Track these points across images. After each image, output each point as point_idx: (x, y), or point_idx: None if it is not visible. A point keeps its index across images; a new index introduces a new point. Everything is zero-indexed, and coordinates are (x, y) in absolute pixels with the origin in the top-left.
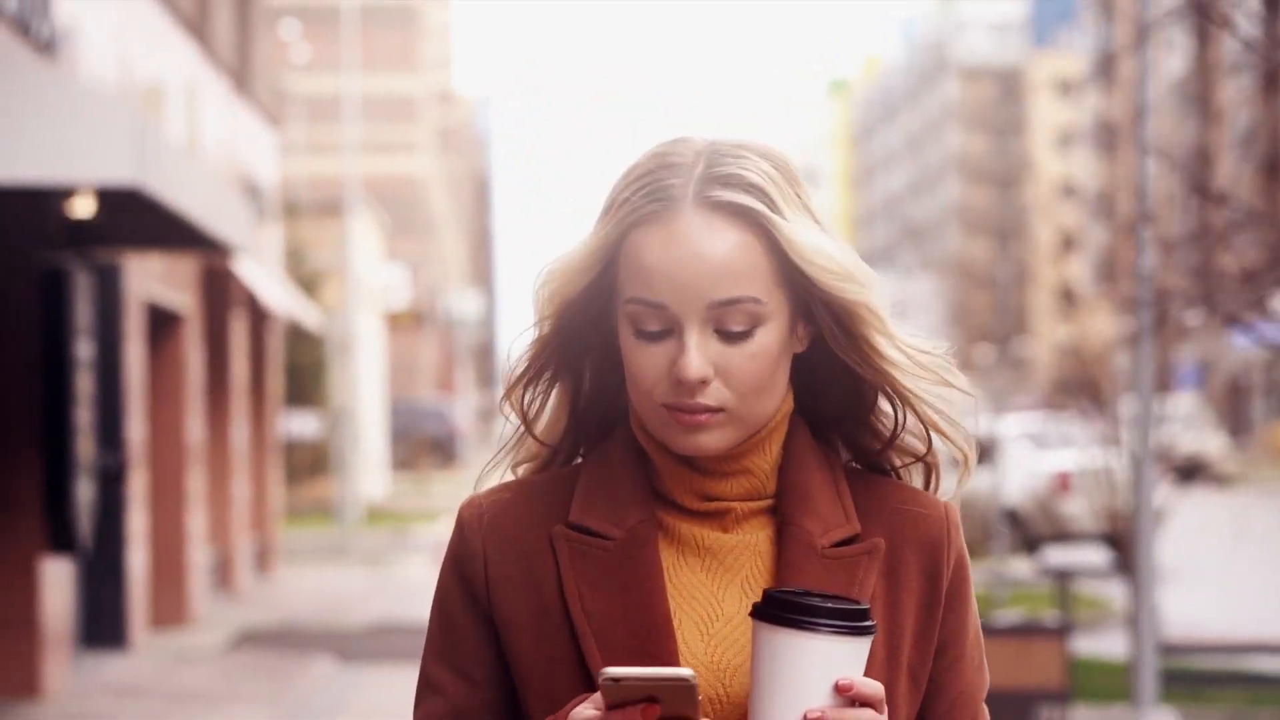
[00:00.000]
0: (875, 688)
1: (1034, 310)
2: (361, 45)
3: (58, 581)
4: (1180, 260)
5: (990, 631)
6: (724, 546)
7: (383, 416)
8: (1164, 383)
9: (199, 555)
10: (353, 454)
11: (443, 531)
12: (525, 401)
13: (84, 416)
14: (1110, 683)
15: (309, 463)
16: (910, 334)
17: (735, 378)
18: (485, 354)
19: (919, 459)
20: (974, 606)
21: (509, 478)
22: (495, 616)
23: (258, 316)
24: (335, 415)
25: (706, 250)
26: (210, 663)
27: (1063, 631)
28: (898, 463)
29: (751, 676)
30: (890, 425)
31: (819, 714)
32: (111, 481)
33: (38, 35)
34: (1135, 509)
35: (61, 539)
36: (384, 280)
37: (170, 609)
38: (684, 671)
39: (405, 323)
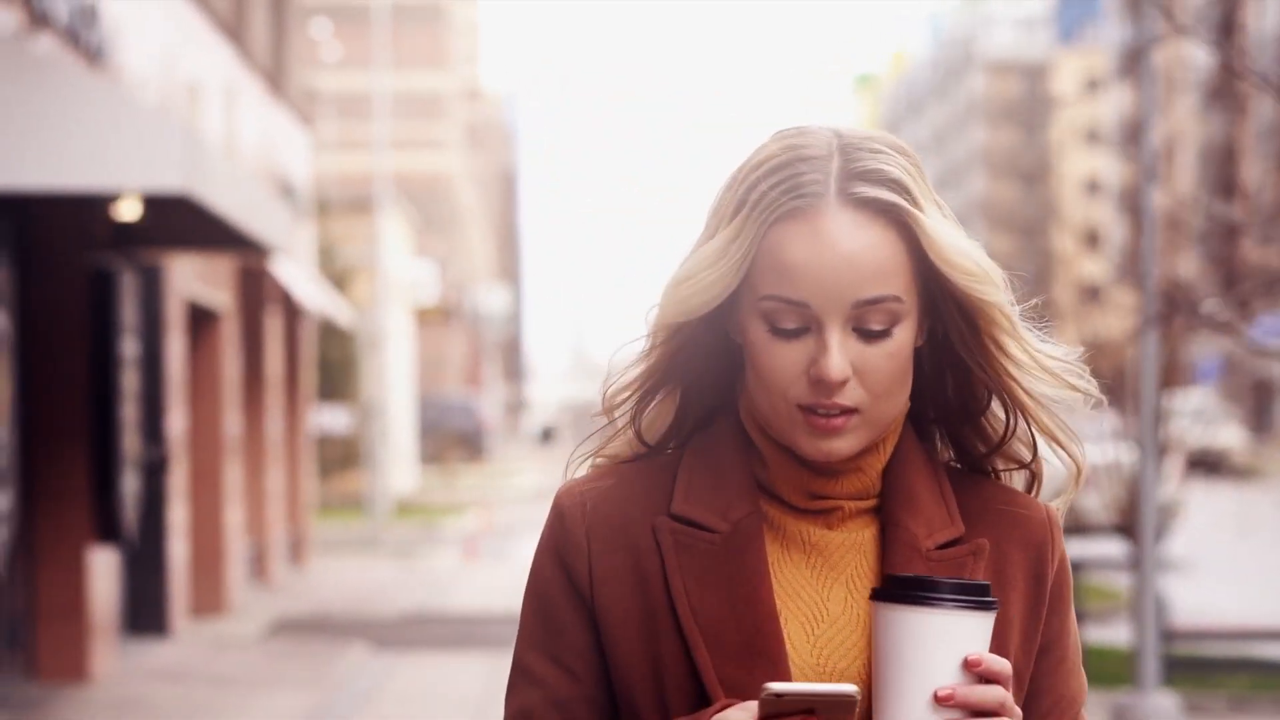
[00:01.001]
0: (1004, 664)
1: (1058, 305)
2: (391, 43)
3: (104, 571)
4: (1202, 254)
5: None
6: (829, 544)
7: (412, 411)
8: (1183, 377)
9: (236, 546)
10: (382, 448)
11: (470, 525)
12: (634, 413)
13: (129, 412)
14: (1119, 669)
15: (340, 457)
16: (1040, 339)
17: (872, 377)
18: (512, 349)
19: (1023, 466)
20: (1073, 611)
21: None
22: (597, 610)
23: (292, 313)
24: (365, 410)
25: (854, 249)
26: (248, 649)
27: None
28: (1001, 466)
29: (874, 662)
30: (1000, 429)
31: (950, 691)
32: (154, 474)
33: (87, 45)
34: (1139, 502)
35: (108, 530)
36: (413, 276)
37: (209, 598)
38: (848, 688)
39: (433, 318)
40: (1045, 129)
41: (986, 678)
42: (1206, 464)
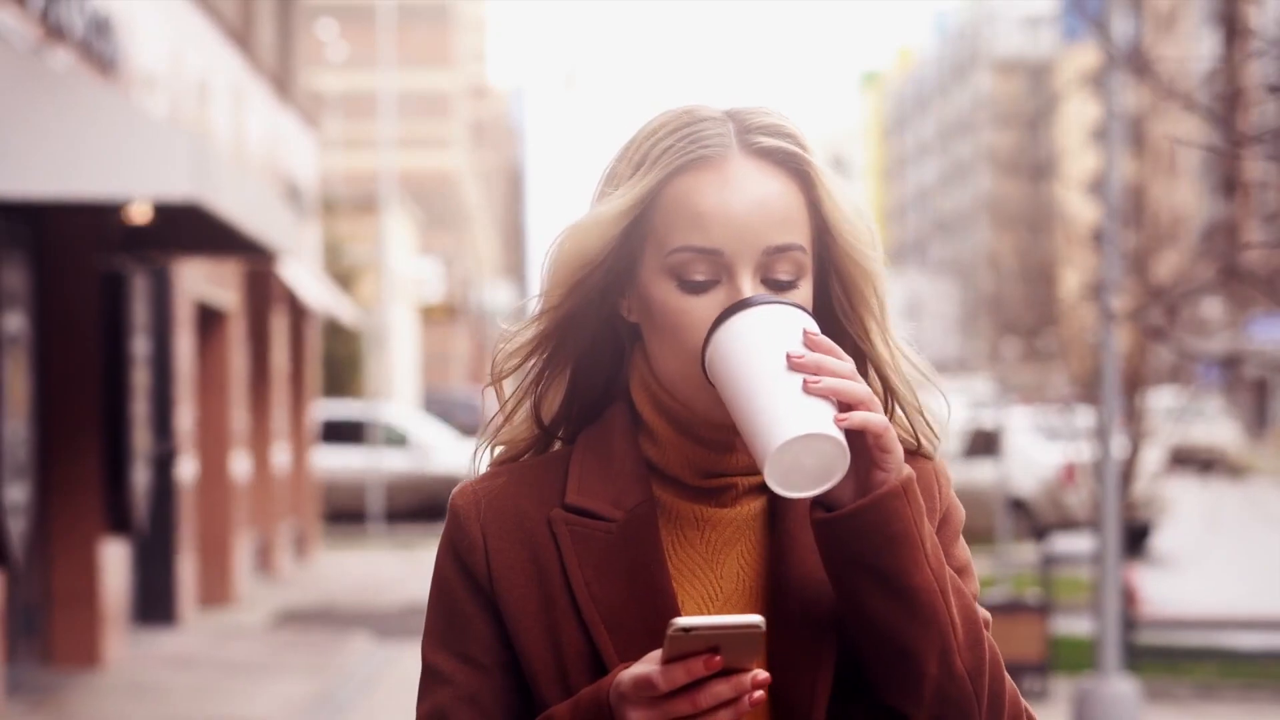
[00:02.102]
0: (838, 350)
1: (1062, 304)
2: (397, 42)
3: (115, 561)
4: (1204, 252)
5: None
6: (722, 521)
7: (416, 406)
8: (1184, 376)
9: (242, 540)
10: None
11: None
12: (528, 387)
13: (140, 408)
14: (1087, 656)
15: None
16: (903, 337)
17: None
18: None
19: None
20: (963, 545)
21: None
22: (500, 605)
23: (297, 312)
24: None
25: (762, 194)
26: (255, 638)
27: (1043, 609)
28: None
29: (725, 381)
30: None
31: (800, 351)
32: (163, 468)
33: (100, 55)
34: (1100, 499)
35: (120, 521)
36: (418, 274)
37: (216, 589)
38: (754, 618)
39: (438, 315)
40: (1050, 127)
41: (831, 352)
42: (1200, 461)
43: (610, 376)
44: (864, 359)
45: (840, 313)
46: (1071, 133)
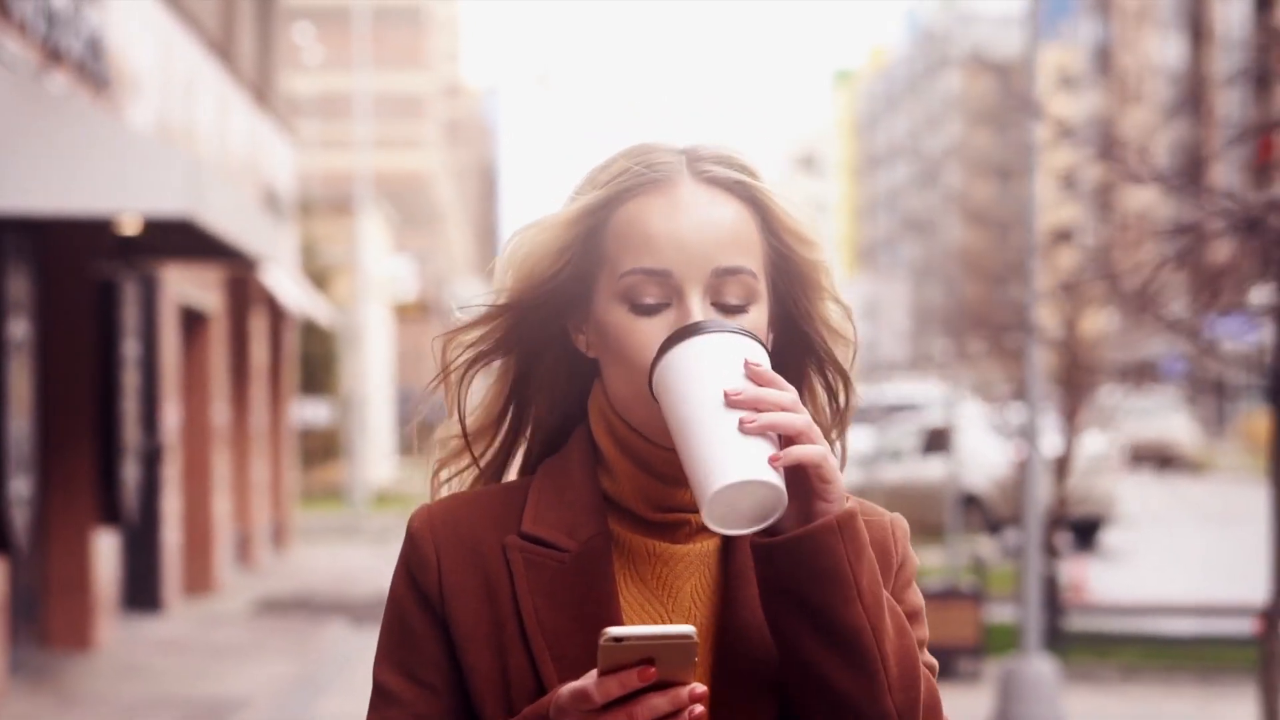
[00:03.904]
0: (783, 382)
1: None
2: (372, 44)
3: (107, 551)
4: (1168, 253)
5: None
6: (674, 558)
7: (390, 404)
8: (1146, 374)
9: (224, 532)
10: (361, 440)
11: None
12: (455, 360)
13: (131, 407)
14: (1014, 641)
15: (321, 448)
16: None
17: None
18: None
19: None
20: (916, 593)
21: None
22: (450, 625)
23: (276, 314)
24: (345, 403)
25: (711, 216)
26: (237, 625)
27: (976, 597)
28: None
29: (669, 411)
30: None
31: (738, 387)
32: (150, 464)
33: (94, 75)
34: (1023, 495)
35: (111, 513)
36: (392, 273)
37: (199, 579)
38: (686, 629)
39: (412, 314)
40: (1021, 126)
41: (771, 383)
42: (1158, 458)
43: (573, 410)
44: (812, 358)
45: (803, 316)
46: (1042, 130)
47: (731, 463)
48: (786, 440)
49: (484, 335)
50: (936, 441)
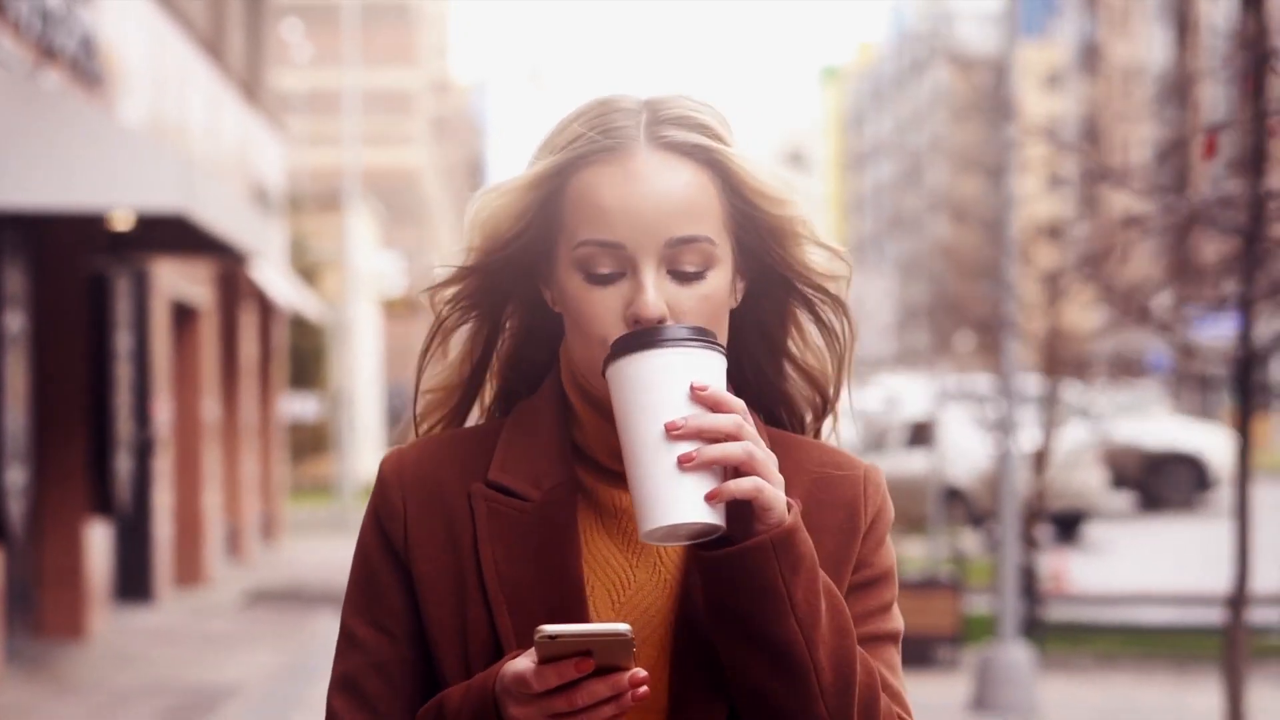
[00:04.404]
0: (736, 400)
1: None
2: (361, 41)
3: (99, 542)
4: (1157, 249)
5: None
6: None
7: (379, 399)
8: (1131, 368)
9: (214, 524)
10: (350, 434)
11: None
12: (442, 313)
13: (123, 400)
14: (996, 630)
15: (310, 442)
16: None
17: (687, 319)
18: None
19: (825, 404)
20: (888, 548)
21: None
22: (413, 574)
23: (265, 308)
24: (334, 398)
25: (664, 187)
26: (227, 615)
27: (955, 587)
28: (808, 414)
29: (616, 422)
30: (810, 366)
31: (679, 420)
32: (142, 456)
33: (87, 73)
34: (1000, 486)
35: (104, 504)
36: (380, 268)
37: (189, 570)
38: (621, 627)
39: (400, 309)
40: (1008, 123)
41: (717, 407)
42: None
43: (544, 357)
44: (799, 293)
45: (786, 268)
46: (1031, 125)
47: (670, 502)
48: (729, 470)
49: (458, 292)
50: (920, 435)
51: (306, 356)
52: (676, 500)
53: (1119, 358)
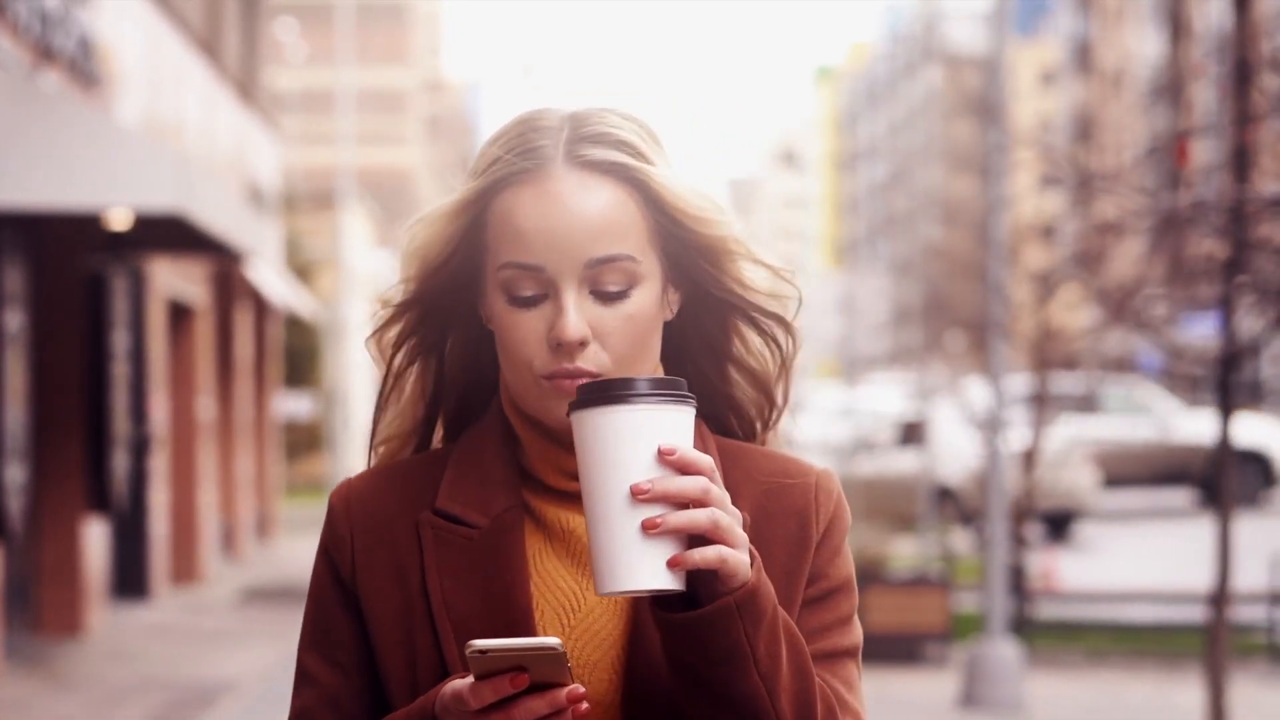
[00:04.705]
0: (705, 458)
1: (1008, 298)
2: (355, 40)
3: (96, 540)
4: (1146, 249)
5: (885, 581)
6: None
7: (372, 398)
8: (1123, 368)
9: (209, 523)
10: (344, 433)
11: None
12: (390, 357)
13: (120, 398)
14: (985, 627)
15: (304, 441)
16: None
17: (611, 339)
18: None
19: (772, 411)
20: (845, 557)
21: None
22: (362, 605)
23: (260, 308)
24: (328, 397)
25: (582, 208)
26: (223, 612)
27: (944, 584)
28: (755, 418)
29: (580, 473)
30: (754, 369)
31: (646, 484)
32: (139, 455)
33: (85, 73)
34: (988, 484)
35: (101, 501)
36: (374, 267)
37: (185, 568)
38: (551, 641)
39: None
40: (1002, 122)
41: (684, 469)
42: None
43: (487, 379)
44: (741, 320)
45: (716, 286)
46: (1023, 125)
47: (630, 566)
48: (693, 538)
49: (401, 330)
50: (912, 434)
51: (301, 355)
52: (638, 565)
53: (1108, 359)
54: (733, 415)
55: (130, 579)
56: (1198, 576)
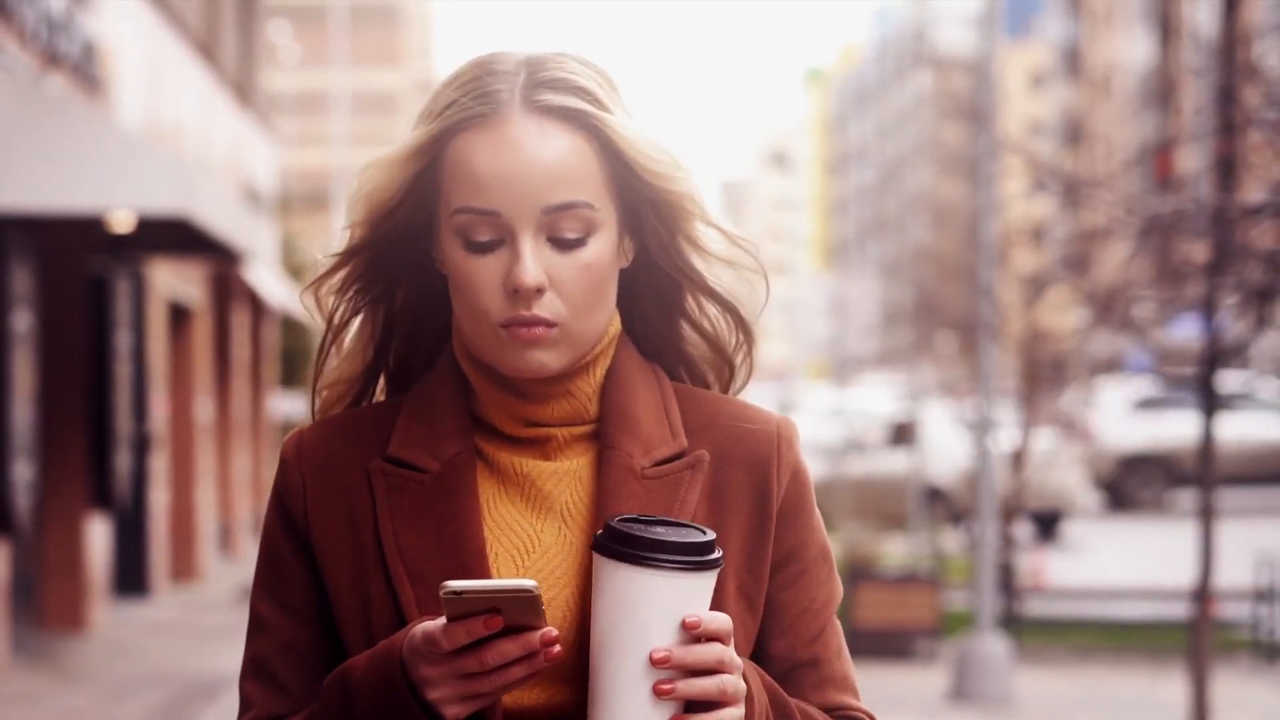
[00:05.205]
0: (723, 621)
1: (1003, 299)
2: (349, 43)
3: (99, 537)
4: (1140, 250)
5: (876, 579)
6: (544, 474)
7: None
8: (1113, 370)
9: (207, 522)
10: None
11: None
12: (331, 306)
13: (122, 398)
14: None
15: None
16: (723, 222)
17: (567, 288)
18: None
19: (728, 366)
20: (816, 520)
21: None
22: (315, 554)
23: (257, 309)
24: None
25: (539, 154)
26: (222, 609)
27: (934, 582)
28: (713, 377)
29: (594, 613)
30: (706, 337)
31: (665, 654)
32: (140, 453)
33: (89, 77)
34: (978, 483)
35: (104, 499)
36: None
37: (184, 566)
38: (526, 582)
39: None
40: (992, 125)
41: (706, 637)
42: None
43: (438, 325)
44: (686, 284)
45: (659, 248)
46: (1013, 128)
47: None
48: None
49: (346, 276)
50: (902, 435)
51: (295, 356)
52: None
53: (1097, 360)
54: (683, 368)
55: (131, 576)
56: (1184, 574)
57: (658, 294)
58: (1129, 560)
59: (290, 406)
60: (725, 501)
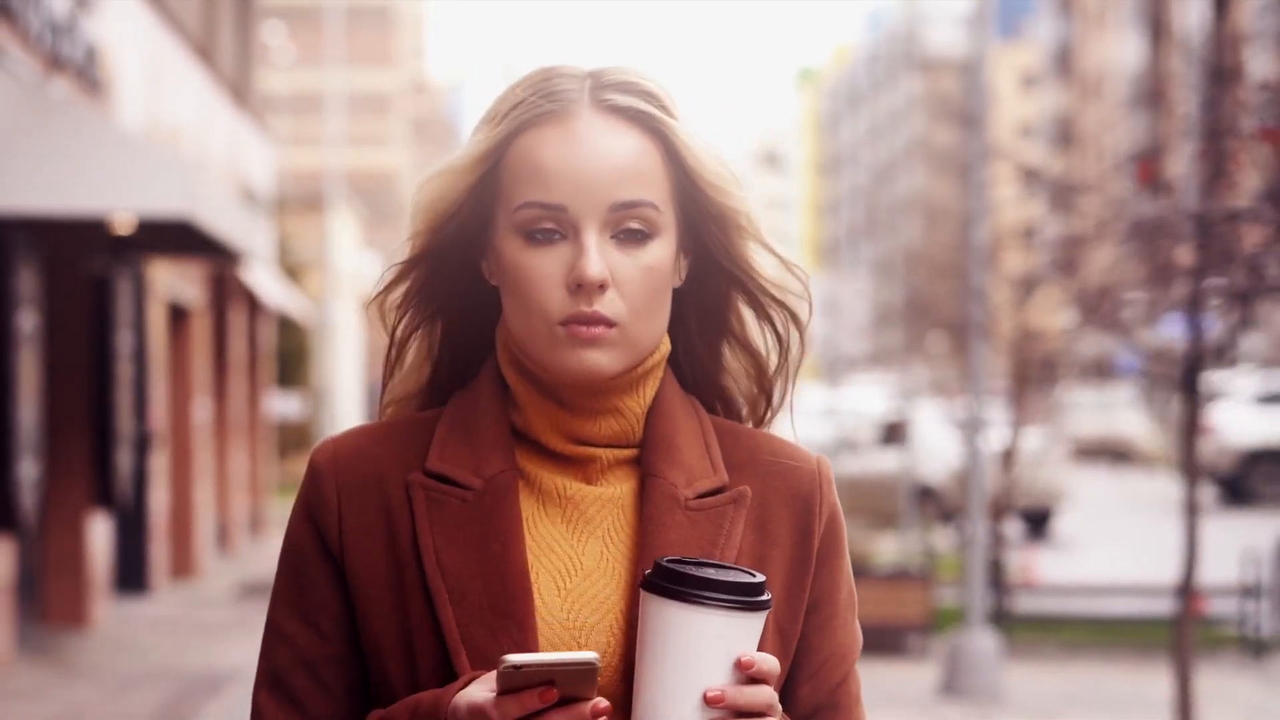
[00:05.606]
0: (773, 664)
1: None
2: (343, 43)
3: (100, 535)
4: (1131, 251)
5: (869, 576)
6: (586, 498)
7: (360, 397)
8: (1103, 370)
9: (205, 520)
10: (333, 432)
11: None
12: (396, 320)
13: (124, 397)
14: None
15: (295, 440)
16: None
17: (629, 288)
18: None
19: (766, 398)
20: (847, 565)
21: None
22: (347, 570)
23: (254, 309)
24: (318, 396)
25: (609, 150)
26: (221, 606)
27: (925, 579)
28: (744, 409)
29: (640, 649)
30: (751, 345)
31: (719, 693)
32: (140, 452)
33: (91, 80)
34: (967, 481)
35: (106, 497)
36: (362, 268)
37: (182, 563)
38: (588, 655)
39: None
40: (983, 125)
41: (757, 678)
42: (1112, 453)
43: (487, 340)
44: (744, 288)
45: (720, 254)
46: (1004, 129)
47: None
48: None
49: (408, 289)
50: (893, 434)
51: (291, 356)
52: None
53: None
54: (719, 403)
55: (131, 573)
56: (1171, 571)
57: (703, 315)
58: (1119, 556)
59: (285, 406)
60: (769, 537)
